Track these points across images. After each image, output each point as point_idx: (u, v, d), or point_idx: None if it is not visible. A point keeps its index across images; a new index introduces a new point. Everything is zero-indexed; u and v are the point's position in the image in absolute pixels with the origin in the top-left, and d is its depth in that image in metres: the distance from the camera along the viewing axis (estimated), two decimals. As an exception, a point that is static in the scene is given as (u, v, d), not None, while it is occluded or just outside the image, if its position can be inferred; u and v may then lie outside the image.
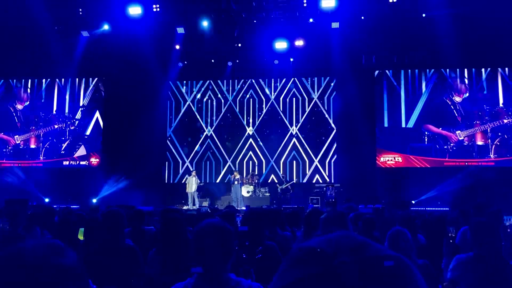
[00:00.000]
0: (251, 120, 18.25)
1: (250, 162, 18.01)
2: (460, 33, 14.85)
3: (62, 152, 18.62)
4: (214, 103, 18.56)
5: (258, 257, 2.83)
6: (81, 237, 4.49)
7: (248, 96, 18.42)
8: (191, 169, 17.30)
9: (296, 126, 17.96)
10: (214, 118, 18.46)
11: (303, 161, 17.76)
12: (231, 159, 18.12)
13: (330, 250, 0.62)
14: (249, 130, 18.19)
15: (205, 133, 18.42)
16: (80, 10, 16.03)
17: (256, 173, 16.72)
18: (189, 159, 18.35)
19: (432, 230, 5.24)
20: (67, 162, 18.51)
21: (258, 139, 18.10)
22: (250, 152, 18.08)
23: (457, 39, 14.97)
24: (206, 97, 18.63)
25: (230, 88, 18.56)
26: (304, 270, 0.61)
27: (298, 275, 0.61)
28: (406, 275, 0.62)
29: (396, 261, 0.62)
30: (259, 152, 18.04)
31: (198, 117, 18.55)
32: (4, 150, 18.78)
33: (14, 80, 19.25)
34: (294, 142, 17.89)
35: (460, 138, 16.64)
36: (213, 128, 18.41)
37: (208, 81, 18.60)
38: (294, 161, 17.79)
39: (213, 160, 18.24)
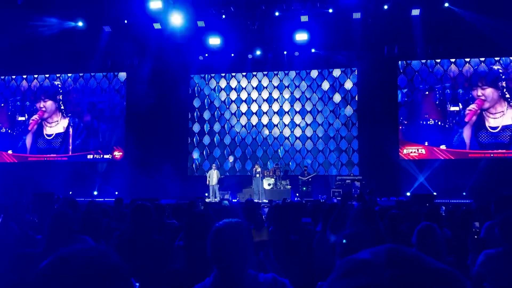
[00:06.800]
0: (272, 112, 18.21)
1: (272, 154, 18.00)
2: (484, 22, 14.55)
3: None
4: (235, 96, 18.56)
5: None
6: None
7: (269, 88, 18.36)
8: (213, 163, 17.37)
9: (317, 118, 17.85)
10: (236, 110, 18.48)
11: (324, 153, 17.66)
12: (252, 152, 18.15)
13: (381, 262, 0.62)
14: (270, 122, 18.16)
15: (227, 126, 18.46)
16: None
17: (278, 165, 16.70)
18: (211, 152, 18.47)
19: (458, 224, 5.17)
20: (91, 156, 18.84)
21: (280, 131, 18.07)
22: (272, 145, 18.06)
23: (480, 28, 14.68)
24: (227, 90, 18.64)
25: (251, 80, 18.53)
26: (354, 281, 0.61)
27: (348, 286, 0.61)
28: None
29: (449, 275, 0.61)
30: (280, 144, 18.01)
31: (219, 109, 18.59)
32: (37, 143, 19.29)
33: (44, 76, 19.65)
34: (316, 134, 17.79)
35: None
36: (234, 120, 18.44)
37: (229, 74, 18.62)
38: (316, 153, 17.70)
39: (234, 152, 18.29)
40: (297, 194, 15.92)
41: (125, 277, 0.90)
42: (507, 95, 16.35)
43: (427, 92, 17.09)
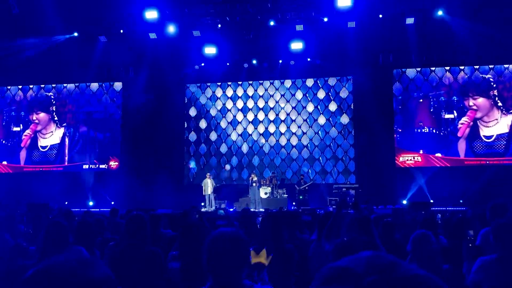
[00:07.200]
0: (268, 121, 18.24)
1: (268, 163, 18.00)
2: (478, 30, 14.68)
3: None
4: (231, 105, 18.59)
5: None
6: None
7: (265, 97, 18.40)
8: (208, 172, 17.28)
9: (313, 126, 17.88)
10: (232, 119, 18.49)
11: (321, 161, 17.67)
12: (248, 161, 18.14)
13: (361, 270, 0.62)
14: (266, 131, 18.18)
15: (223, 135, 18.47)
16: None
17: (274, 174, 16.68)
18: (207, 161, 18.45)
19: (453, 232, 5.17)
20: (86, 166, 18.78)
21: (276, 140, 18.08)
22: (268, 153, 18.06)
23: (474, 36, 14.80)
24: (223, 99, 18.66)
25: (247, 89, 18.56)
26: None
27: None
28: None
29: (427, 281, 0.61)
30: (276, 153, 18.01)
31: (215, 119, 18.60)
32: (32, 156, 19.23)
33: (35, 86, 19.63)
34: (312, 142, 17.81)
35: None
36: (230, 129, 18.44)
37: (225, 83, 18.65)
38: (312, 162, 17.71)
39: (231, 161, 18.28)
40: (294, 203, 15.90)
41: None
42: (499, 104, 16.44)
43: (421, 100, 17.15)
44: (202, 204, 16.00)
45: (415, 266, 0.64)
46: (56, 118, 19.33)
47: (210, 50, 16.97)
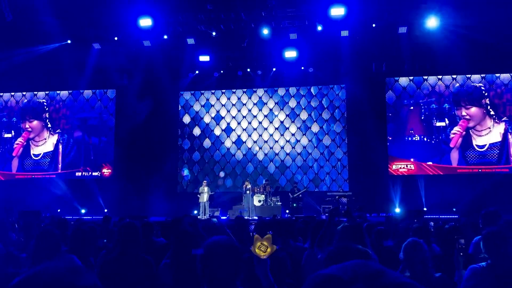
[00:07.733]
0: (262, 129, 18.26)
1: (262, 170, 17.99)
2: (470, 39, 14.82)
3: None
4: (225, 113, 18.59)
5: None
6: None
7: (258, 104, 18.43)
8: (203, 180, 17.22)
9: (307, 134, 17.92)
10: (225, 127, 18.49)
11: (314, 169, 17.69)
12: (242, 168, 18.13)
13: (347, 277, 0.64)
14: (260, 139, 18.20)
15: (216, 142, 18.45)
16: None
17: (268, 182, 16.67)
18: (201, 169, 18.41)
19: (446, 240, 5.19)
20: (79, 173, 18.67)
21: (270, 148, 18.09)
22: (262, 161, 18.06)
23: (466, 45, 14.94)
24: (217, 107, 18.67)
25: (241, 97, 18.59)
26: None
27: None
28: None
29: None
30: (270, 160, 18.02)
31: (209, 126, 18.59)
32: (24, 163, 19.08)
33: (31, 93, 19.54)
34: (306, 150, 17.84)
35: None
36: (224, 137, 18.43)
37: (219, 91, 18.67)
38: (306, 169, 17.73)
39: (224, 169, 18.25)
40: (287, 211, 15.89)
41: None
42: (492, 112, 16.55)
43: (412, 107, 17.23)
44: (195, 212, 15.93)
45: (401, 275, 0.66)
46: (49, 125, 19.22)
47: (204, 58, 17.02)
